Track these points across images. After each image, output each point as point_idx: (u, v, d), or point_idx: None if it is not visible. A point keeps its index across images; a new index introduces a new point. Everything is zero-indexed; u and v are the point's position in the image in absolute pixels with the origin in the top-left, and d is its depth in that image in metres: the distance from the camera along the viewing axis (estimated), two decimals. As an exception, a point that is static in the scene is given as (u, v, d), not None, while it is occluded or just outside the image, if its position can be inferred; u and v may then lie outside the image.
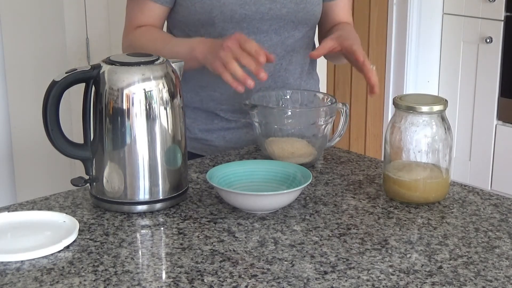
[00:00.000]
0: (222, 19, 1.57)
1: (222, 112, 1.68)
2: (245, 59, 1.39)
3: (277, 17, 1.61)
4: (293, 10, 1.62)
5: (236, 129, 1.69)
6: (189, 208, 1.30)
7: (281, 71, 1.67)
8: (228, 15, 1.57)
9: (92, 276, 1.06)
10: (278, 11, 1.61)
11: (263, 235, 1.20)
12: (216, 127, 1.69)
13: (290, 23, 1.63)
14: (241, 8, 1.58)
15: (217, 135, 1.69)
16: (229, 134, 1.69)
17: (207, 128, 1.69)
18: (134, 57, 1.30)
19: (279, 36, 1.64)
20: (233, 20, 1.58)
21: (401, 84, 3.60)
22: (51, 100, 1.25)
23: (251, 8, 1.59)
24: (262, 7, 1.59)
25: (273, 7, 1.60)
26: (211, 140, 1.69)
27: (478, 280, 1.06)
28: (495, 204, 1.34)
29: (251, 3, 1.59)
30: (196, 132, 1.69)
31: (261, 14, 1.60)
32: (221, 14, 1.57)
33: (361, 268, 1.09)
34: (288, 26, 1.63)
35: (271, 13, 1.60)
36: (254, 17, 1.59)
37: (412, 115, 1.31)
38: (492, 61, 3.44)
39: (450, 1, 3.58)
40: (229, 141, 1.69)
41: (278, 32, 1.63)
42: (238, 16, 1.58)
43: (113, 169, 1.27)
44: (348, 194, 1.37)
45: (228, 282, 1.05)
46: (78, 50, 2.72)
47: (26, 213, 1.26)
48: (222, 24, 1.57)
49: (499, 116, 3.49)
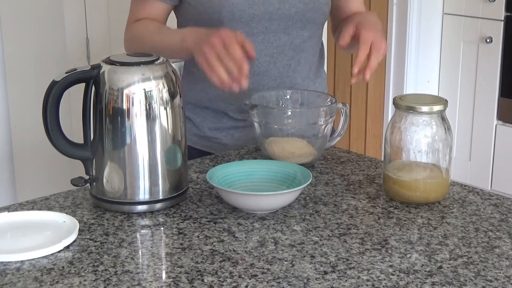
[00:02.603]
0: (231, 19, 1.57)
1: (230, 111, 1.69)
2: (228, 62, 1.38)
3: (285, 17, 1.61)
4: (301, 9, 1.62)
5: (244, 127, 1.70)
6: (189, 208, 1.30)
7: (289, 71, 1.67)
8: (237, 15, 1.57)
9: (92, 276, 1.06)
10: (287, 11, 1.61)
11: (263, 235, 1.20)
12: (225, 125, 1.70)
13: (298, 22, 1.63)
14: (250, 8, 1.58)
15: (226, 134, 1.70)
16: (238, 132, 1.70)
17: (216, 127, 1.70)
18: (134, 57, 1.30)
19: (288, 36, 1.64)
20: (242, 20, 1.58)
21: (401, 84, 3.60)
22: (51, 100, 1.25)
23: (259, 8, 1.59)
24: (271, 7, 1.59)
25: (282, 7, 1.60)
26: (221, 138, 1.71)
27: (478, 280, 1.06)
28: (495, 204, 1.34)
29: (260, 3, 1.59)
30: (206, 130, 1.71)
31: (269, 14, 1.60)
32: (230, 14, 1.57)
33: (361, 268, 1.09)
34: (297, 25, 1.64)
35: (279, 12, 1.61)
36: (262, 17, 1.59)
37: (412, 115, 1.31)
38: (492, 61, 3.44)
39: (450, 1, 3.58)
40: (238, 139, 1.70)
41: (287, 32, 1.63)
42: (247, 16, 1.58)
43: (113, 169, 1.27)
44: (348, 194, 1.37)
45: (228, 282, 1.05)
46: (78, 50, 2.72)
47: (26, 213, 1.26)
48: (230, 24, 1.57)
49: (499, 116, 3.48)
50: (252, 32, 1.59)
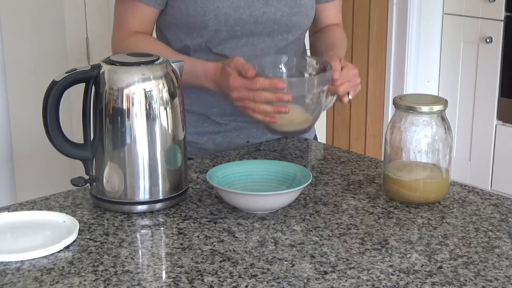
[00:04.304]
0: (215, 22, 1.56)
1: (212, 115, 1.66)
2: (262, 97, 1.43)
3: (271, 21, 1.60)
4: (287, 13, 1.61)
5: (226, 132, 1.67)
6: (189, 208, 1.30)
7: None
8: (222, 19, 1.56)
9: (92, 276, 1.06)
10: (273, 15, 1.60)
11: (263, 235, 1.20)
12: (206, 130, 1.67)
13: (283, 26, 1.62)
14: (235, 12, 1.56)
15: (207, 138, 1.67)
16: (219, 137, 1.67)
17: (197, 131, 1.67)
18: (134, 57, 1.29)
19: (272, 39, 1.63)
20: (227, 24, 1.57)
21: (401, 84, 3.60)
22: (51, 100, 1.25)
23: (245, 12, 1.57)
24: (256, 11, 1.58)
25: (267, 10, 1.59)
26: (201, 143, 1.67)
27: (478, 280, 1.06)
28: (495, 204, 1.34)
29: (245, 7, 1.57)
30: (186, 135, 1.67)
31: (255, 17, 1.59)
32: (215, 17, 1.55)
33: (361, 268, 1.09)
34: (282, 29, 1.63)
35: (265, 16, 1.59)
36: (248, 20, 1.58)
37: (412, 115, 1.31)
38: (492, 61, 3.44)
39: (450, 1, 3.58)
40: (219, 144, 1.67)
41: (271, 35, 1.63)
42: (232, 20, 1.57)
43: (113, 169, 1.27)
44: (348, 194, 1.37)
45: (228, 282, 1.05)
46: (78, 50, 2.72)
47: (26, 213, 1.26)
48: (215, 27, 1.56)
49: (499, 116, 3.48)
50: (235, 35, 1.58)
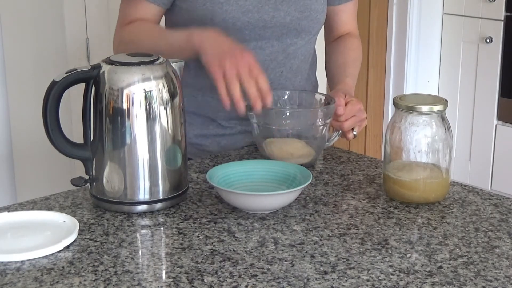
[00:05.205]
0: (224, 26, 1.54)
1: (218, 118, 1.65)
2: (251, 88, 1.37)
3: (280, 25, 1.58)
4: (296, 18, 1.59)
5: (231, 135, 1.67)
6: (189, 208, 1.30)
7: (281, 79, 1.64)
8: (230, 22, 1.54)
9: (92, 276, 1.06)
10: (282, 19, 1.58)
11: (263, 235, 1.20)
12: (211, 132, 1.67)
13: (293, 30, 1.60)
14: (244, 16, 1.55)
15: (211, 141, 1.67)
16: (224, 140, 1.67)
17: (202, 134, 1.67)
18: (134, 57, 1.29)
19: (281, 43, 1.61)
20: (235, 27, 1.55)
21: (401, 84, 3.60)
22: (51, 100, 1.25)
23: (254, 16, 1.56)
24: (265, 15, 1.56)
25: (277, 15, 1.57)
26: (206, 145, 1.67)
27: (478, 280, 1.06)
28: (495, 204, 1.34)
29: (254, 11, 1.56)
30: (191, 136, 1.66)
31: (264, 21, 1.57)
32: (223, 21, 1.54)
33: (361, 268, 1.09)
34: (291, 33, 1.61)
35: (274, 21, 1.58)
36: (256, 24, 1.56)
37: (412, 115, 1.31)
38: (492, 61, 3.44)
39: (450, 1, 3.58)
40: (223, 147, 1.67)
41: (280, 39, 1.61)
42: (240, 24, 1.55)
43: (113, 169, 1.27)
44: (348, 194, 1.37)
45: (228, 282, 1.05)
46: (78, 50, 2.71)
47: (26, 213, 1.26)
48: (223, 31, 1.55)
49: (499, 116, 3.49)
50: (244, 39, 1.56)
